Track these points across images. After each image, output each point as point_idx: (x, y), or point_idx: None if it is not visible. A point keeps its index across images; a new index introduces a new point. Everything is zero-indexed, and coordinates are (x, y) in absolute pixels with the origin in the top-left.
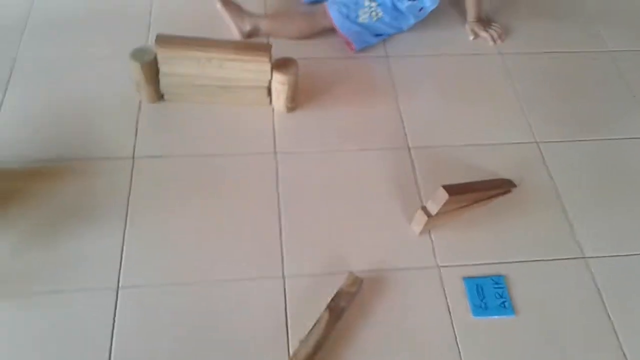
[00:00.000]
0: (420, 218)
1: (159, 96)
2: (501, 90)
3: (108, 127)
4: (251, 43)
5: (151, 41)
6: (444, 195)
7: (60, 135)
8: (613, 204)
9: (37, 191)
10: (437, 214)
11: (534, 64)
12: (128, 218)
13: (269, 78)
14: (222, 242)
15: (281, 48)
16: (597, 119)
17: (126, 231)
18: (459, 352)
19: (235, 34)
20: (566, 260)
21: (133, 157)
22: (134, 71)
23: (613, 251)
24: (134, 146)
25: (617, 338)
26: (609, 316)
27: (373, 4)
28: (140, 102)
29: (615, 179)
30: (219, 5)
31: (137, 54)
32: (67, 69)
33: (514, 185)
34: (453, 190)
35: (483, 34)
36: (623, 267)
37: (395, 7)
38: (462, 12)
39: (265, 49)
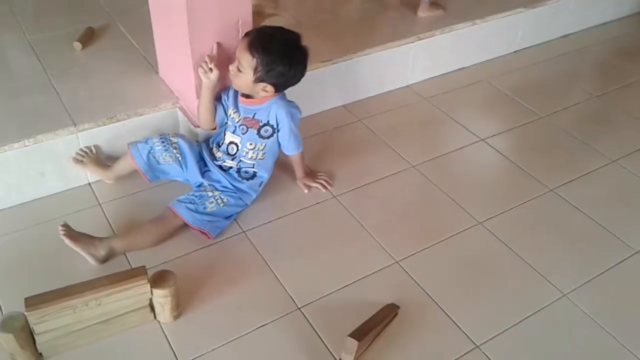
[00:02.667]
0: None
1: (37, 356)
2: (350, 227)
3: None
4: (126, 271)
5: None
6: (353, 343)
7: None
8: (480, 291)
9: None
10: None
11: (365, 195)
12: None
13: (150, 296)
14: None
15: (142, 260)
16: (436, 224)
17: None
18: None
19: (91, 263)
20: (464, 356)
21: None
22: (7, 344)
23: (496, 331)
24: None
25: None
26: None
27: (216, 193)
28: None
29: (471, 269)
30: (68, 242)
31: (7, 324)
32: None
33: (398, 307)
34: (358, 335)
35: (314, 184)
36: (512, 340)
37: (237, 189)
38: (291, 173)
39: (140, 272)
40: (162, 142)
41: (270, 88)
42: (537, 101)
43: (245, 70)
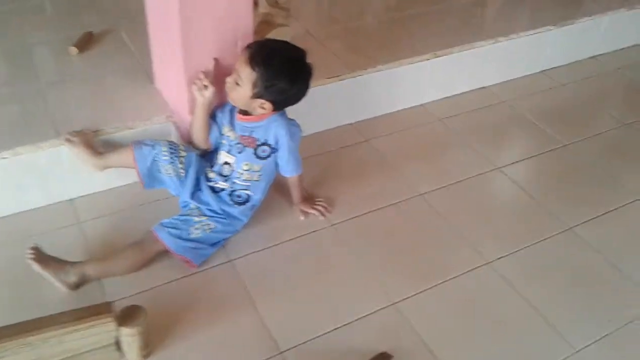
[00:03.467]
0: None
1: None
2: (345, 261)
3: None
4: (89, 308)
5: None
6: None
7: None
8: (483, 344)
9: None
10: None
11: (365, 225)
12: None
13: (116, 334)
14: None
15: (118, 287)
16: (440, 262)
17: None
18: None
19: (60, 289)
20: None
21: None
22: None
23: None
24: None
25: None
26: None
27: (203, 218)
28: None
29: (475, 317)
30: (36, 267)
31: None
32: None
33: (391, 357)
34: None
35: (311, 211)
36: None
37: (227, 214)
38: (287, 195)
39: (106, 308)
40: (171, 153)
41: (268, 105)
42: (561, 127)
43: (243, 84)
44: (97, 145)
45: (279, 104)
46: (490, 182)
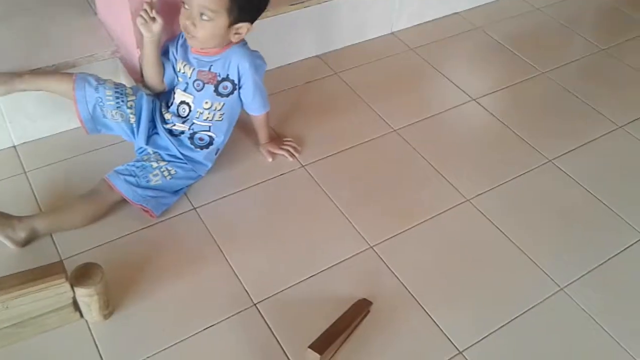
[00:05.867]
0: None
1: None
2: (319, 204)
3: None
4: (39, 268)
5: None
6: (314, 356)
7: None
8: (466, 284)
9: None
10: None
11: (338, 165)
12: None
13: (72, 295)
14: None
15: (71, 242)
16: (418, 201)
17: None
18: None
19: (9, 247)
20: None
21: None
22: None
23: (484, 332)
24: None
25: None
26: None
27: (162, 164)
28: None
29: (456, 257)
30: None
31: None
32: None
33: (370, 303)
34: (320, 346)
35: (279, 151)
36: (501, 343)
37: (188, 158)
38: (253, 136)
39: (57, 268)
40: (117, 97)
41: (245, 27)
42: (537, 54)
43: (215, 16)
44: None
45: (254, 17)
46: (466, 115)
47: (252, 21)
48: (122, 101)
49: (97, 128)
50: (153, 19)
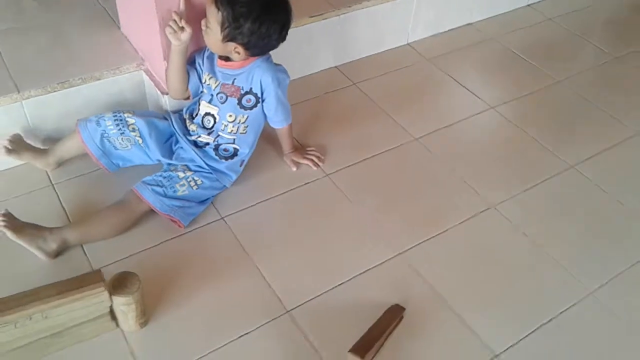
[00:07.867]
0: None
1: None
2: (344, 211)
3: None
4: (77, 278)
5: None
6: None
7: None
8: (496, 289)
9: None
10: None
11: (362, 173)
12: None
13: (109, 304)
14: None
15: (102, 253)
16: (443, 209)
17: None
18: None
19: (41, 258)
20: None
21: None
22: None
23: (518, 336)
24: None
25: None
26: None
27: (189, 174)
28: None
29: (484, 262)
30: (10, 235)
31: None
32: None
33: (404, 309)
34: (361, 350)
35: (303, 161)
36: (536, 347)
37: (213, 169)
38: (277, 147)
39: (96, 277)
40: (117, 123)
41: (241, 50)
42: (552, 63)
43: (213, 27)
44: (40, 142)
45: (254, 48)
46: (486, 123)
47: (246, 48)
48: (123, 126)
49: (113, 162)
50: (182, 28)
